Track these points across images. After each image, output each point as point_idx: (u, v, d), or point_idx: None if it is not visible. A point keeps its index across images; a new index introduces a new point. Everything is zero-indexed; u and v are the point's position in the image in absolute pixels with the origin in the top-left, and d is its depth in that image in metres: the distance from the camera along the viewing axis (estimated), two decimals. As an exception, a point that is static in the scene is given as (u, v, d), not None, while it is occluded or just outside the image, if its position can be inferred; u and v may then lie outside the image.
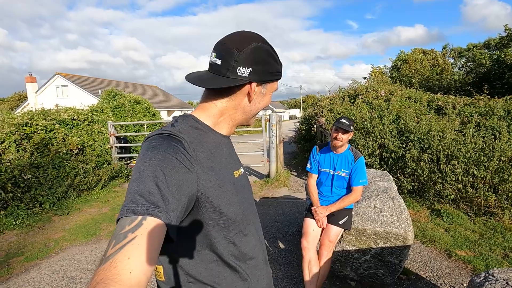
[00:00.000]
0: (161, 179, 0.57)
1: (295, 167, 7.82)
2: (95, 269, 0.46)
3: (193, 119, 0.76)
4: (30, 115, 6.09)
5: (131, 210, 0.52)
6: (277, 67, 0.78)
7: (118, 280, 0.43)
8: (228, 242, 0.75)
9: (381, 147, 5.12)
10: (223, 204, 0.72)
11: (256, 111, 0.82)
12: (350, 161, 2.35)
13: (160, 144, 0.64)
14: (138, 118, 9.52)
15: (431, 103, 6.40)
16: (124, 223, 0.51)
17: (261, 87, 0.77)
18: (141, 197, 0.54)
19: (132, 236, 0.49)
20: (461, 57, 18.12)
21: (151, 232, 0.51)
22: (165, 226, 0.54)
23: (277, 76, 0.79)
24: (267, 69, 0.75)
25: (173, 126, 0.73)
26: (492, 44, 13.75)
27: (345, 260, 2.56)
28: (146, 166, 0.59)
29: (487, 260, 2.89)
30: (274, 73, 0.77)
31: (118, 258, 0.46)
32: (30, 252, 3.49)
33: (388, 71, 18.59)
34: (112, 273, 0.44)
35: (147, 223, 0.51)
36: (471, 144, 4.16)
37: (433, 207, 4.28)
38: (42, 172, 5.08)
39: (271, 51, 0.76)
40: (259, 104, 0.80)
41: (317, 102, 9.01)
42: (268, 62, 0.75)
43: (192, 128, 0.74)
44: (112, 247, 0.48)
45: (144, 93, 22.28)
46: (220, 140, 0.80)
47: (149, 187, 0.55)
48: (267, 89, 0.79)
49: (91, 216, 4.68)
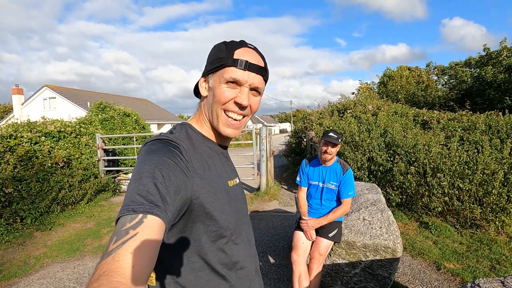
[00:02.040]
0: (160, 180, 0.58)
1: (286, 180, 7.82)
2: (97, 264, 0.47)
3: (190, 128, 0.80)
4: (14, 127, 5.95)
5: (131, 208, 0.53)
6: (219, 54, 0.74)
7: (121, 273, 0.44)
8: (218, 250, 0.74)
9: (369, 161, 5.19)
10: (216, 211, 0.72)
11: (214, 106, 0.76)
12: (338, 173, 2.38)
13: (159, 148, 0.66)
14: (128, 131, 9.41)
15: (417, 117, 6.60)
16: (125, 221, 0.52)
17: (207, 79, 0.78)
18: (140, 196, 0.55)
19: (134, 233, 0.50)
20: (444, 75, 18.89)
21: (152, 230, 0.52)
22: (164, 225, 0.55)
23: (218, 63, 0.74)
24: (209, 61, 0.77)
25: (172, 133, 0.76)
26: (473, 62, 14.41)
27: (336, 274, 2.54)
28: (145, 168, 0.60)
29: (474, 272, 2.92)
30: (214, 61, 0.75)
31: (120, 252, 0.47)
32: (8, 270, 3.32)
33: (375, 87, 19.16)
34: (115, 266, 0.45)
35: (148, 221, 0.52)
36: (456, 158, 4.28)
37: (421, 219, 4.33)
38: (25, 186, 4.91)
39: (220, 44, 0.76)
40: (210, 98, 0.77)
41: (307, 116, 9.16)
42: (211, 55, 0.77)
43: (188, 136, 0.77)
44: (114, 243, 0.49)
45: (135, 106, 22.14)
46: (215, 150, 0.82)
47: (148, 187, 0.56)
48: (213, 79, 0.76)
49: (75, 232, 4.52)
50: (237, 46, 0.75)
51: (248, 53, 0.74)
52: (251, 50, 0.76)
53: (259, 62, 0.76)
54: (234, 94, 0.74)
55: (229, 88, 0.74)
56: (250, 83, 0.74)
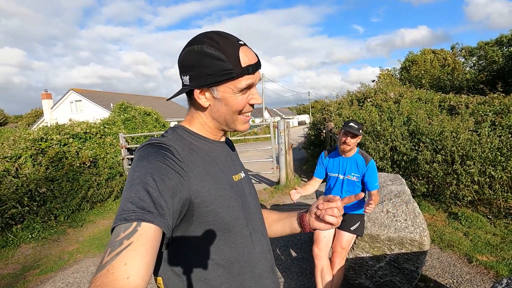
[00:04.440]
0: (151, 185, 0.57)
1: (306, 173, 7.74)
2: (92, 278, 0.46)
3: (182, 129, 0.78)
4: (45, 130, 6.27)
5: (123, 218, 0.53)
6: (222, 65, 0.67)
7: (116, 286, 0.44)
8: (226, 247, 0.72)
9: (392, 150, 5.01)
10: (221, 208, 0.71)
11: (229, 115, 0.74)
12: (360, 164, 2.30)
13: (149, 153, 0.65)
14: (149, 130, 9.67)
15: (443, 103, 6.25)
16: (119, 231, 0.51)
17: (210, 91, 0.71)
18: (132, 204, 0.54)
19: (128, 243, 0.49)
20: (472, 56, 17.73)
21: (146, 238, 0.51)
22: (160, 230, 0.54)
23: (226, 76, 0.67)
24: (205, 72, 0.67)
25: (163, 137, 0.75)
26: (505, 40, 13.36)
27: (359, 268, 2.48)
28: (137, 175, 0.60)
29: (511, 265, 2.75)
30: (217, 73, 0.67)
31: (114, 264, 0.46)
32: (45, 265, 3.55)
33: (397, 73, 18.35)
34: (110, 279, 0.44)
35: (142, 229, 0.52)
36: (487, 144, 4.02)
37: (450, 210, 4.13)
38: (57, 186, 5.20)
39: (205, 51, 0.67)
40: (221, 108, 0.73)
41: (325, 107, 8.95)
42: (202, 64, 0.67)
43: (181, 137, 0.75)
44: (108, 254, 0.48)
45: (155, 105, 22.69)
46: (214, 146, 0.80)
47: (139, 194, 0.56)
48: (222, 91, 0.70)
49: (104, 228, 4.74)
50: (235, 50, 0.68)
51: (248, 54, 0.71)
52: (245, 48, 0.71)
53: (256, 58, 0.74)
54: (247, 97, 0.74)
55: (244, 95, 0.73)
56: (258, 81, 0.75)
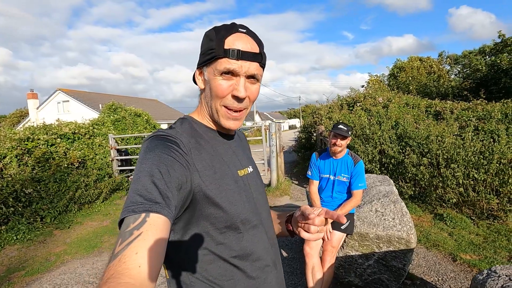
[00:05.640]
0: (158, 177, 0.58)
1: (296, 175, 7.81)
2: (105, 267, 0.47)
3: (191, 121, 0.79)
4: (31, 130, 6.13)
5: (131, 209, 0.54)
6: (209, 45, 0.70)
7: (128, 275, 0.45)
8: (229, 241, 0.72)
9: (380, 153, 5.13)
10: (224, 202, 0.71)
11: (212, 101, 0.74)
12: (349, 165, 2.37)
13: (156, 146, 0.65)
14: (139, 131, 9.57)
15: (429, 108, 6.46)
16: (129, 222, 0.52)
17: (203, 72, 0.76)
18: (139, 196, 0.56)
19: (138, 233, 0.50)
20: (457, 64, 18.35)
21: (156, 228, 0.52)
22: (169, 221, 0.55)
23: (210, 55, 0.70)
24: (201, 52, 0.74)
25: (171, 128, 0.75)
26: (487, 50, 13.93)
27: (349, 266, 2.54)
28: (143, 167, 0.61)
29: (492, 263, 2.86)
30: (206, 52, 0.72)
31: (126, 254, 0.47)
32: (31, 267, 3.46)
33: (385, 79, 18.81)
34: (122, 268, 0.45)
35: (151, 219, 0.53)
36: (470, 148, 4.18)
37: (435, 211, 4.26)
38: (43, 186, 5.08)
39: (210, 32, 0.72)
40: (208, 91, 0.75)
41: (316, 111, 9.09)
42: (203, 45, 0.74)
43: (189, 129, 0.76)
44: (120, 244, 0.49)
45: (145, 106, 22.45)
46: (220, 140, 0.81)
47: (146, 186, 0.57)
48: (207, 72, 0.73)
49: (92, 229, 4.65)
50: (228, 32, 0.69)
51: (240, 40, 0.69)
52: (243, 36, 0.70)
53: (252, 49, 0.70)
54: (230, 86, 0.71)
55: (225, 80, 0.70)
56: (245, 72, 0.70)
